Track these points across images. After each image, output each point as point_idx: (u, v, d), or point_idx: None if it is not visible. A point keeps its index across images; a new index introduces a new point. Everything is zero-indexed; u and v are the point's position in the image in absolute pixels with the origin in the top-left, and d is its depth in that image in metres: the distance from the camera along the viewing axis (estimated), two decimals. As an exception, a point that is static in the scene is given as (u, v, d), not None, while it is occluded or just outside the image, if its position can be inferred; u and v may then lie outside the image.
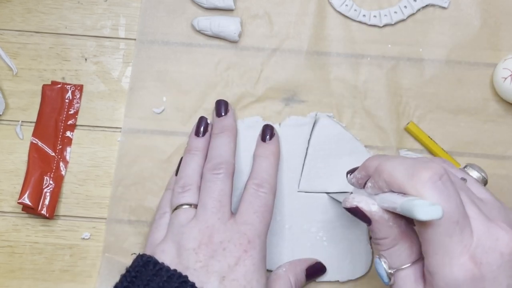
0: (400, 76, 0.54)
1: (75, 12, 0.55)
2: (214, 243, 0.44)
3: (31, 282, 0.51)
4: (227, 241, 0.44)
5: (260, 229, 0.45)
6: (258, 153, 0.51)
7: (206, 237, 0.44)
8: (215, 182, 0.47)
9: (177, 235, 0.45)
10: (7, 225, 0.52)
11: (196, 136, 0.52)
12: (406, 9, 0.55)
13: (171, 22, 0.55)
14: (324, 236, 0.52)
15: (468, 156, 0.53)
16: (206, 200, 0.46)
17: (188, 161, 0.50)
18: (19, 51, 0.54)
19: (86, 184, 0.53)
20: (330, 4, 0.55)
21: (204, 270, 0.42)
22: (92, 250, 0.52)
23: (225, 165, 0.48)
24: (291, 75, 0.54)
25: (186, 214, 0.46)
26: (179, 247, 0.44)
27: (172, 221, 0.46)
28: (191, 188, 0.48)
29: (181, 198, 0.47)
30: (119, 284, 0.43)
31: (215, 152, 0.49)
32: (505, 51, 0.54)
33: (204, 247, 0.43)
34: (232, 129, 0.51)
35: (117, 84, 0.54)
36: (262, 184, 0.48)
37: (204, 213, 0.45)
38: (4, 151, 0.53)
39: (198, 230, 0.44)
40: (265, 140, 0.51)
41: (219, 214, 0.45)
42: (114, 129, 0.54)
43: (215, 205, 0.46)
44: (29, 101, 0.54)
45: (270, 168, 0.49)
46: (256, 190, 0.47)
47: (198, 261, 0.43)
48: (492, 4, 0.55)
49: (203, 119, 0.52)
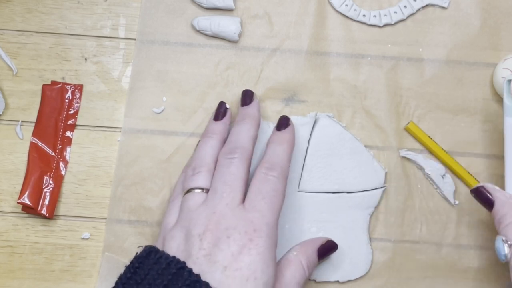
0: (400, 76, 0.54)
1: (75, 12, 0.55)
2: (219, 230, 0.43)
3: (31, 282, 0.51)
4: (232, 228, 0.43)
5: (268, 216, 0.44)
6: (272, 140, 0.50)
7: (213, 223, 0.43)
8: (228, 167, 0.46)
9: (186, 220, 0.44)
10: (7, 225, 0.52)
11: (214, 120, 0.51)
12: (406, 9, 0.55)
13: (171, 22, 0.55)
14: (324, 236, 0.51)
15: (468, 156, 0.53)
16: (217, 185, 0.45)
17: (202, 144, 0.49)
18: (19, 51, 0.54)
19: (86, 184, 0.53)
20: (330, 4, 0.55)
21: (206, 259, 0.42)
22: (92, 250, 0.52)
23: (240, 150, 0.47)
24: (291, 75, 0.54)
25: (195, 198, 0.45)
26: (187, 233, 0.43)
27: (182, 205, 0.46)
28: (202, 170, 0.47)
29: (191, 181, 0.47)
30: (123, 275, 0.43)
31: (232, 138, 0.48)
32: (505, 51, 0.55)
33: (209, 234, 0.42)
34: (254, 117, 0.50)
35: (117, 84, 0.54)
36: (272, 167, 0.46)
37: (213, 198, 0.44)
38: (4, 151, 0.53)
39: (206, 216, 0.43)
40: (280, 130, 0.51)
41: (228, 199, 0.44)
42: (114, 129, 0.54)
43: (225, 190, 0.44)
44: (29, 101, 0.54)
45: (283, 153, 0.48)
46: (266, 174, 0.46)
47: (201, 249, 0.42)
48: (492, 4, 0.55)
49: (223, 103, 0.52)
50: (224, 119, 0.51)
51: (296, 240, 0.51)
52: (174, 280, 0.41)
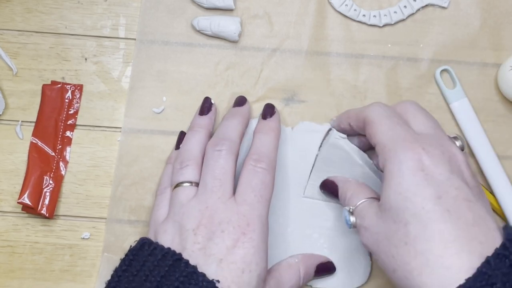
0: (400, 76, 0.54)
1: (75, 12, 0.55)
2: (213, 224, 0.43)
3: (31, 282, 0.51)
4: (226, 222, 0.43)
5: (259, 209, 0.45)
6: (258, 129, 0.50)
7: (206, 217, 0.43)
8: (217, 160, 0.46)
9: (178, 215, 0.44)
10: (7, 225, 0.52)
11: (200, 115, 0.51)
12: (406, 9, 0.55)
13: (171, 22, 0.55)
14: (325, 243, 0.51)
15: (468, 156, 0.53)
16: (207, 178, 0.45)
17: (189, 137, 0.50)
18: (19, 51, 0.54)
19: (86, 184, 0.53)
20: (330, 4, 0.55)
21: (201, 253, 0.42)
22: (92, 250, 0.52)
23: (228, 142, 0.47)
24: (291, 75, 0.54)
25: (186, 192, 0.46)
26: (180, 228, 0.44)
27: (173, 199, 0.46)
28: (190, 164, 0.47)
29: (180, 175, 0.47)
30: (118, 268, 0.43)
31: (220, 130, 0.49)
32: (505, 51, 0.54)
33: (203, 228, 0.43)
34: (243, 114, 0.51)
35: (117, 84, 0.54)
36: (260, 159, 0.47)
37: (204, 191, 0.45)
38: (4, 151, 0.53)
39: (198, 210, 0.44)
40: (266, 118, 0.51)
41: (219, 193, 0.45)
42: (114, 129, 0.54)
43: (216, 184, 0.45)
44: (29, 101, 0.54)
45: (269, 143, 0.49)
46: (254, 166, 0.46)
47: (196, 243, 0.42)
48: (492, 4, 0.55)
49: (208, 99, 0.52)
50: (210, 114, 0.51)
51: (296, 243, 0.51)
52: (171, 271, 0.41)
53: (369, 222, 0.43)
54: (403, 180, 0.40)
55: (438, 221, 0.38)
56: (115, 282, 0.43)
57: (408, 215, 0.39)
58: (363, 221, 0.43)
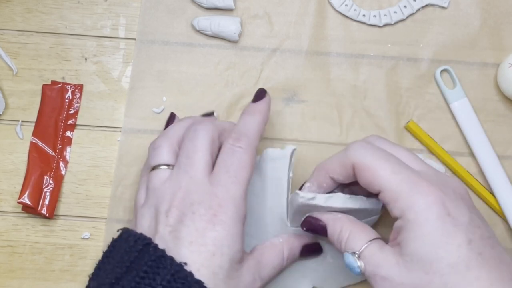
0: (400, 76, 0.54)
1: (75, 12, 0.55)
2: (185, 206, 0.42)
3: (31, 282, 0.51)
4: (197, 203, 0.42)
5: (233, 190, 0.43)
6: (244, 111, 0.48)
7: (178, 199, 0.42)
8: (191, 139, 0.44)
9: (153, 198, 0.44)
10: (7, 225, 0.52)
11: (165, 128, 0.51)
12: (405, 9, 0.55)
13: (171, 22, 0.55)
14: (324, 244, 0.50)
15: (468, 156, 0.53)
16: (181, 159, 0.44)
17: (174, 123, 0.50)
18: (19, 51, 0.54)
19: (86, 184, 0.53)
20: (330, 4, 0.55)
21: (172, 236, 0.41)
22: (92, 250, 0.52)
23: (205, 125, 0.45)
24: (291, 75, 0.54)
25: (159, 175, 0.44)
26: (155, 211, 0.43)
27: (148, 183, 0.45)
28: (162, 145, 0.46)
29: (154, 157, 0.46)
30: (100, 259, 0.43)
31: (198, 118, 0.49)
32: (505, 51, 0.54)
33: (174, 210, 0.42)
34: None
35: (117, 84, 0.54)
36: (239, 138, 0.44)
37: (177, 172, 0.44)
38: (4, 151, 0.53)
39: (171, 192, 0.43)
40: (256, 101, 0.48)
41: (191, 172, 0.43)
42: (114, 129, 0.54)
43: (188, 163, 0.43)
44: (29, 101, 0.54)
45: (252, 123, 0.46)
46: (232, 144, 0.44)
47: (167, 225, 0.41)
48: (492, 4, 0.55)
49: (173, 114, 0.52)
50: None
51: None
52: (140, 256, 0.41)
53: (388, 272, 0.40)
54: (434, 230, 0.39)
55: (474, 268, 0.38)
56: (96, 270, 0.43)
57: (444, 266, 0.38)
58: (378, 270, 0.41)
